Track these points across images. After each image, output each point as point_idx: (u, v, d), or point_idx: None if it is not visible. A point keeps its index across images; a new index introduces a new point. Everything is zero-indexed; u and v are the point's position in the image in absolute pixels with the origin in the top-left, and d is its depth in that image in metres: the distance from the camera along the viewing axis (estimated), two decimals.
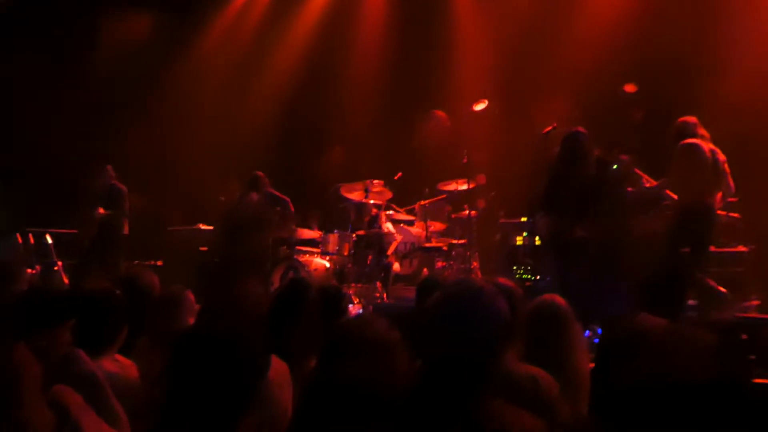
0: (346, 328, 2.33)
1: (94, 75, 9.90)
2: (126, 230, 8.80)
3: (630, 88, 8.33)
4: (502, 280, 2.78)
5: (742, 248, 6.82)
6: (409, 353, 2.76)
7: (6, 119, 9.33)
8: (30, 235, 8.62)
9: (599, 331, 5.51)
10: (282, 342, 2.88)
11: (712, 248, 6.86)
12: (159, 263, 8.90)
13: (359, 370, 2.18)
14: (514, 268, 7.66)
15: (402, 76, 9.68)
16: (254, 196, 8.44)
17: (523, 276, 7.55)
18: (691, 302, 6.12)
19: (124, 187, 8.76)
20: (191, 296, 3.71)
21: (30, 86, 9.33)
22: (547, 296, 3.18)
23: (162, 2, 10.30)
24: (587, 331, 5.31)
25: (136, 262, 8.61)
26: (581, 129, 6.13)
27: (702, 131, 6.02)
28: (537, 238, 6.81)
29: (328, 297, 3.41)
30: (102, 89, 9.88)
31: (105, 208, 8.65)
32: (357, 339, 2.21)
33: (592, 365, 3.15)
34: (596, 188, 6.00)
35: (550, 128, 6.53)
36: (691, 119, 6.09)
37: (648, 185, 6.74)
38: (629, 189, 7.14)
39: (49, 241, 8.62)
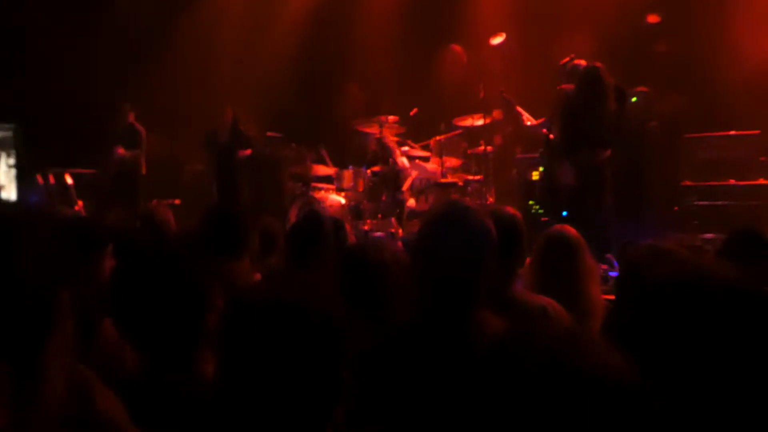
0: (358, 250, 2.38)
1: (114, 19, 9.76)
2: (144, 170, 8.85)
3: (653, 18, 8.05)
4: (508, 208, 2.74)
5: (763, 181, 6.68)
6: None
7: (23, 62, 9.28)
8: (50, 176, 8.68)
9: (615, 264, 5.50)
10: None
11: (733, 181, 6.75)
12: (176, 202, 8.93)
13: (373, 291, 2.26)
14: (530, 203, 7.60)
15: (417, 10, 9.42)
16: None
17: (539, 211, 7.48)
18: (709, 236, 6.07)
19: (142, 128, 8.77)
20: None
21: (47, 29, 9.24)
22: (557, 226, 3.15)
23: None
24: (602, 264, 5.29)
25: (154, 201, 8.66)
26: (598, 63, 5.99)
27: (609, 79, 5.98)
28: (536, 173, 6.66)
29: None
30: (121, 32, 9.75)
31: (124, 148, 8.69)
32: (370, 260, 2.28)
33: (612, 296, 3.14)
34: (616, 120, 5.90)
35: (567, 59, 6.35)
36: (598, 65, 6.00)
37: (528, 123, 6.78)
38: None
39: (69, 181, 8.69)
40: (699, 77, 7.39)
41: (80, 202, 8.57)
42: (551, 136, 6.34)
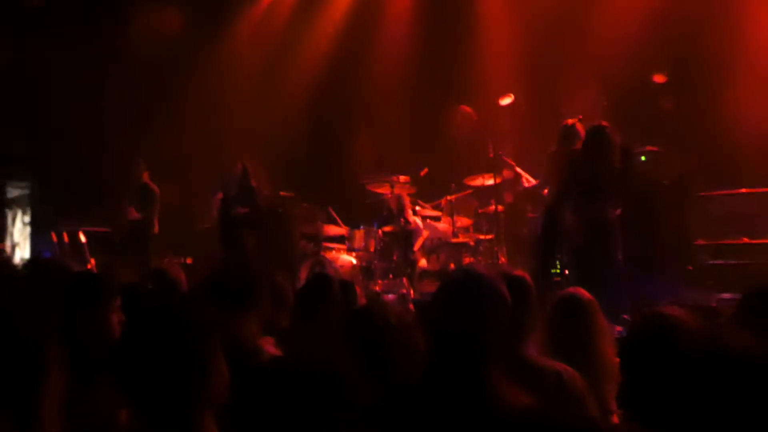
0: (364, 312, 2.39)
1: (126, 73, 9.99)
2: (156, 229, 8.89)
3: (659, 78, 8.15)
4: (517, 271, 2.76)
5: None
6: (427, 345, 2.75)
7: (39, 117, 9.47)
8: (64, 234, 8.75)
9: (629, 320, 5.42)
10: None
11: (746, 240, 6.71)
12: (188, 261, 8.96)
13: (378, 352, 2.29)
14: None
15: (428, 70, 9.60)
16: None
17: (552, 270, 7.43)
18: (726, 296, 5.99)
19: (155, 187, 8.83)
20: None
21: (63, 84, 9.45)
22: (570, 289, 3.13)
23: None
24: (617, 325, 5.21)
25: (166, 259, 8.68)
26: (604, 122, 6.07)
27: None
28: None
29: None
30: (134, 87, 9.98)
31: (137, 208, 8.75)
32: (375, 322, 2.33)
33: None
34: (622, 179, 5.93)
35: (575, 120, 6.42)
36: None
37: (527, 184, 7.07)
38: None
39: (83, 239, 8.75)
40: (707, 134, 7.42)
41: (92, 260, 8.60)
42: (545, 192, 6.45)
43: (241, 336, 2.75)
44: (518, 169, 7.05)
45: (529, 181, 7.27)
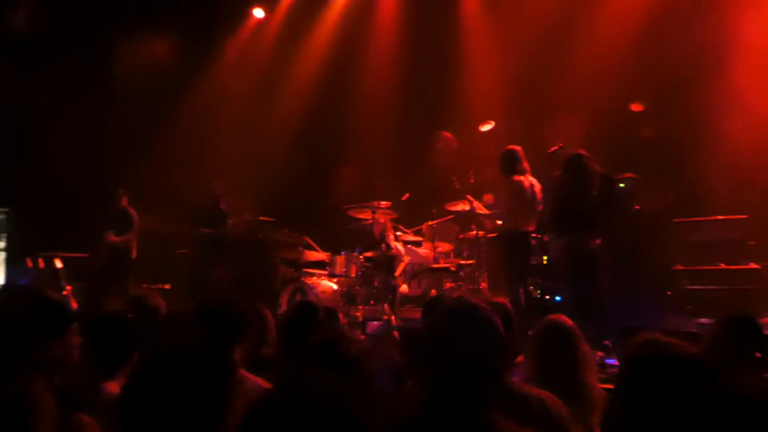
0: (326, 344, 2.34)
1: (110, 100, 9.98)
2: (134, 254, 8.82)
3: (637, 107, 8.29)
4: (497, 299, 2.77)
5: (754, 265, 6.73)
6: (414, 374, 2.73)
7: (19, 143, 9.40)
8: (40, 260, 8.63)
9: (611, 346, 5.46)
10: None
11: (723, 265, 6.81)
12: (167, 287, 8.89)
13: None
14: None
15: (411, 98, 9.69)
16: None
17: (532, 295, 7.47)
18: (704, 320, 6.06)
19: (135, 213, 8.79)
20: None
21: (44, 110, 9.41)
22: (552, 316, 3.14)
23: (178, 27, 10.39)
24: (599, 351, 5.25)
25: (144, 285, 8.59)
26: (582, 151, 6.20)
27: (525, 164, 6.67)
28: (545, 257, 6.78)
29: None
30: (117, 114, 9.96)
31: (116, 233, 8.68)
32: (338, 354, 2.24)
33: (610, 386, 3.10)
34: (602, 206, 6.02)
35: (555, 147, 6.52)
36: (518, 149, 6.70)
37: (479, 211, 7.40)
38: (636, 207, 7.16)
39: (59, 265, 8.63)
40: (684, 162, 7.55)
41: (68, 287, 8.48)
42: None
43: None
44: (469, 197, 7.24)
45: (481, 209, 7.47)
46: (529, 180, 6.71)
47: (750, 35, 7.03)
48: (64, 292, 8.22)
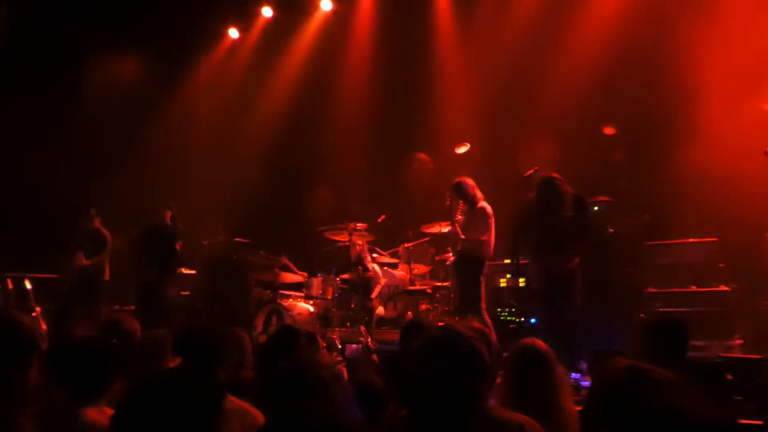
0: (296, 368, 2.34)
1: (81, 119, 9.92)
2: (107, 275, 8.72)
3: (609, 130, 8.48)
4: (475, 324, 2.82)
5: (724, 288, 6.89)
6: (395, 398, 2.76)
7: None
8: (9, 281, 8.50)
9: (584, 368, 5.55)
10: None
11: (694, 288, 6.96)
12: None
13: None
14: (498, 309, 7.68)
15: (386, 119, 9.78)
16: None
17: (508, 318, 7.55)
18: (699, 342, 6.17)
19: (107, 233, 8.69)
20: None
21: (11, 129, 9.31)
22: (527, 340, 3.20)
23: (150, 46, 10.39)
24: (574, 373, 5.33)
25: (117, 307, 8.50)
26: (555, 174, 6.34)
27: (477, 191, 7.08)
28: (521, 280, 6.87)
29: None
30: (88, 134, 9.90)
31: (87, 254, 8.57)
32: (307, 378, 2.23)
33: (579, 407, 3.18)
34: (577, 228, 6.14)
35: (531, 171, 6.63)
36: (470, 181, 7.07)
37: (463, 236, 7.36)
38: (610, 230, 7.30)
39: (28, 286, 8.51)
40: (655, 185, 7.72)
41: (38, 309, 8.36)
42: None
43: None
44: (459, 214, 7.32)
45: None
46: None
47: (716, 62, 7.25)
48: (33, 314, 8.11)
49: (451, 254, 7.81)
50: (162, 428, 1.63)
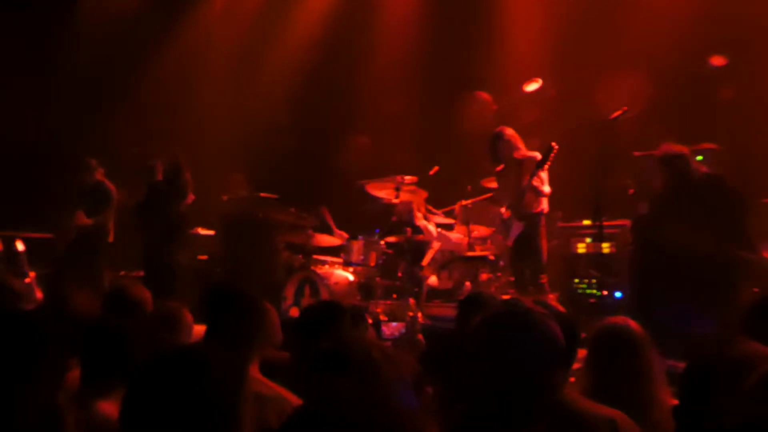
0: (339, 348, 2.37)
1: (77, 58, 10.01)
2: (111, 237, 8.87)
3: (717, 60, 8.23)
4: (552, 302, 2.80)
5: None
6: (448, 384, 2.76)
7: None
8: None
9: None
10: None
11: None
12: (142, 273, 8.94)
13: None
14: (575, 281, 7.61)
15: (439, 52, 9.67)
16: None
17: (587, 291, 7.48)
18: None
19: (112, 186, 8.76)
20: (189, 315, 3.73)
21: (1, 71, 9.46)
22: (616, 319, 3.16)
23: None
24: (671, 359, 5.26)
25: (123, 273, 8.67)
26: (684, 149, 6.28)
27: None
28: (605, 245, 6.78)
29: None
30: (86, 73, 9.98)
31: (87, 211, 8.70)
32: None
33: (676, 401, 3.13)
34: (711, 209, 6.11)
35: (620, 112, 6.48)
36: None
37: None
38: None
39: (21, 248, 8.71)
40: None
41: (32, 274, 8.57)
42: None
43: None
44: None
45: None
46: None
47: None
48: (27, 280, 8.32)
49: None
50: (174, 415, 1.65)
